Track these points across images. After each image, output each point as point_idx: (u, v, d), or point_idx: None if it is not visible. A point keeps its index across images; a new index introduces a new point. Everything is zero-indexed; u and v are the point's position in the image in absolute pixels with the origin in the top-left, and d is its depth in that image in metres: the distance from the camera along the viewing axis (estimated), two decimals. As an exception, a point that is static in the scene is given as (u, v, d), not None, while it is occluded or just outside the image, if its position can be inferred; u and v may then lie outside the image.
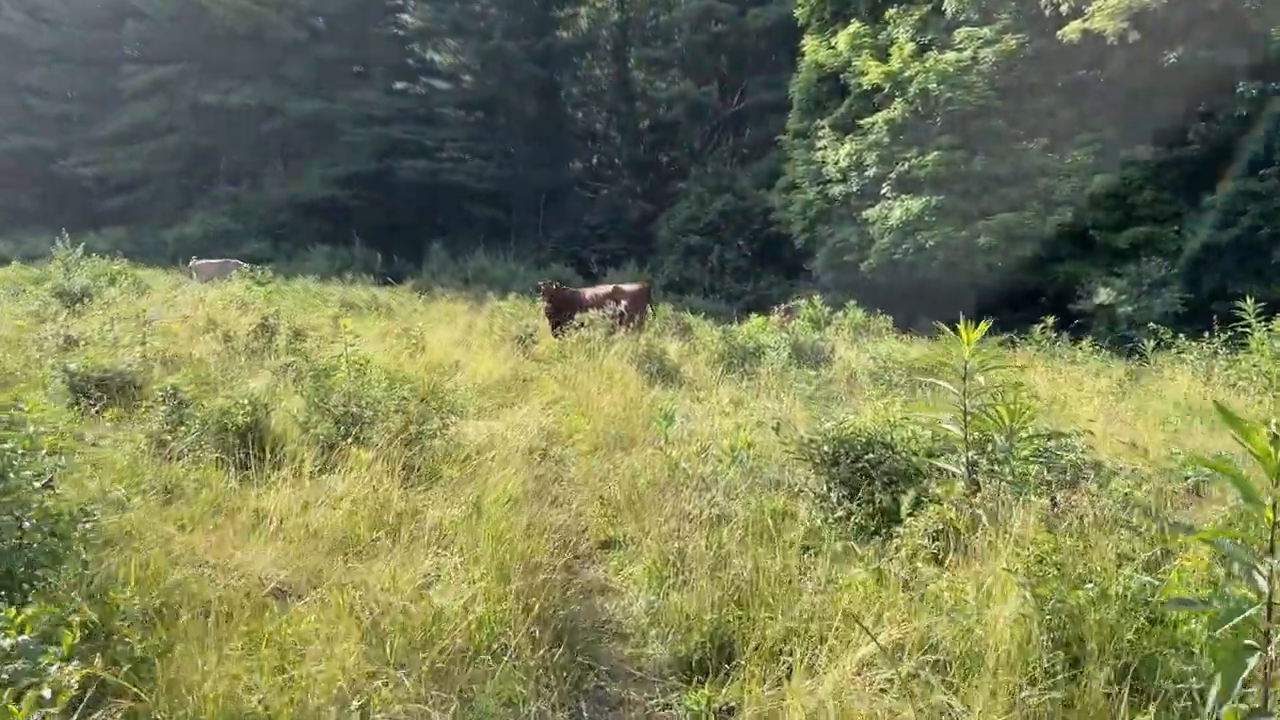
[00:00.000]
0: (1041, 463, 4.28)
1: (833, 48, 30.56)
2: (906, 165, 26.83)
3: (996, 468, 4.11)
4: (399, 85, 49.74)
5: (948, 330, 5.89)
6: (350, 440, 6.33)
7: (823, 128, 30.65)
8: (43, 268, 22.88)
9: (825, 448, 4.94)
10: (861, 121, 28.37)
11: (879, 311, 18.06)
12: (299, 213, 45.15)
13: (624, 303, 15.62)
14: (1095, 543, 3.78)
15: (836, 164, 29.20)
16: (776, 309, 26.08)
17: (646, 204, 47.44)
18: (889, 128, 27.43)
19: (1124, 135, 26.08)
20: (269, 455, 6.12)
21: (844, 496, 4.93)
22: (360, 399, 6.87)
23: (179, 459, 6.18)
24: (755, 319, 14.21)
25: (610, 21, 50.78)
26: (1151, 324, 16.19)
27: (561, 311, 15.61)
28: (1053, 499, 4.08)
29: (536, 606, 3.87)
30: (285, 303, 20.83)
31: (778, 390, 11.03)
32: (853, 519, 4.86)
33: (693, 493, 5.44)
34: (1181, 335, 14.43)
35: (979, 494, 4.18)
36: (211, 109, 45.24)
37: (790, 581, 4.38)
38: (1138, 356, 18.85)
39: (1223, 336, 13.28)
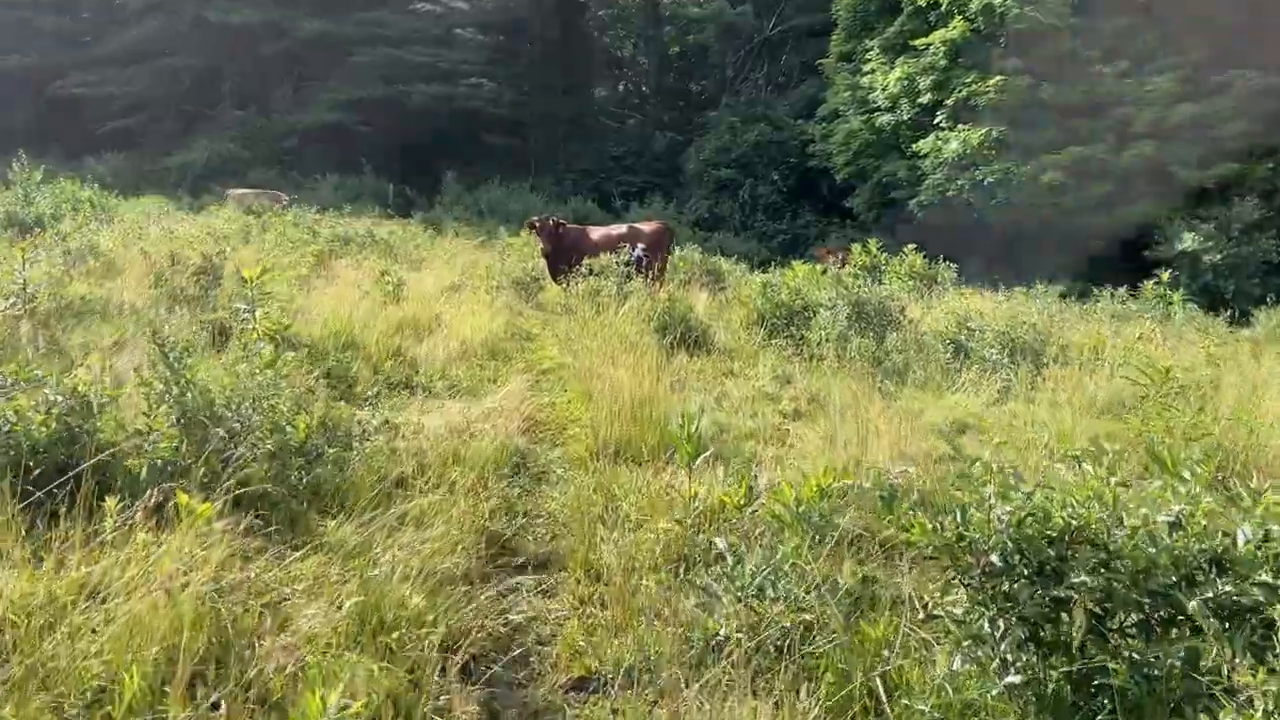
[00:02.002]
0: None
1: (884, -42, 27.50)
2: (965, 91, 23.96)
3: None
4: (413, 5, 46.69)
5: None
6: (198, 470, 4.09)
7: (871, 49, 27.69)
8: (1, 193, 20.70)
9: (993, 556, 2.62)
10: (915, 42, 25.41)
11: (943, 258, 15.55)
12: (308, 139, 42.69)
13: (640, 246, 13.19)
14: None
15: (885, 90, 26.31)
16: (831, 256, 23.23)
17: (675, 134, 44.52)
18: (946, 49, 24.49)
19: (1214, 59, 23.07)
20: (75, 494, 3.90)
21: (1022, 643, 2.64)
22: (240, 397, 4.62)
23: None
24: (799, 266, 11.80)
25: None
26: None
27: (566, 255, 13.16)
28: None
29: None
30: (268, 236, 18.57)
31: (835, 362, 8.68)
32: (1041, 689, 2.59)
33: (729, 597, 3.16)
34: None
35: None
36: (215, 28, 42.55)
37: None
38: (1229, 312, 16.33)
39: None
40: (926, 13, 25.62)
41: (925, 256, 17.29)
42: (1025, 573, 2.70)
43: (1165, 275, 13.66)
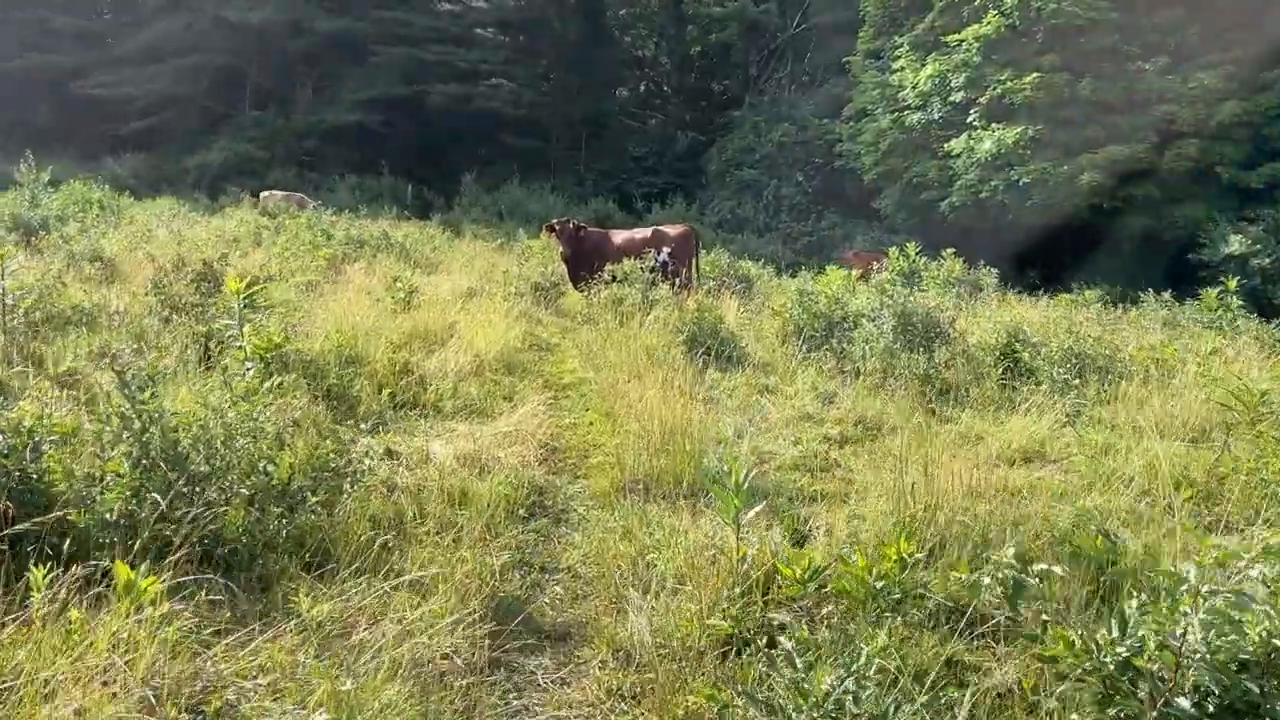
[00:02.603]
0: None
1: (915, -48, 26.65)
2: (999, 89, 23.10)
3: None
4: (433, 4, 46.14)
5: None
6: (154, 524, 3.43)
7: (901, 46, 26.83)
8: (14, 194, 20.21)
9: (1183, 700, 1.92)
10: (947, 38, 24.55)
11: (984, 264, 14.73)
12: (327, 140, 42.27)
13: (666, 250, 12.48)
14: None
15: (916, 88, 25.46)
16: (875, 262, 22.21)
17: (697, 134, 43.74)
18: (980, 45, 23.63)
19: (1261, 54, 22.12)
20: (15, 554, 3.26)
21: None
22: (213, 433, 3.96)
23: None
24: (834, 272, 11.07)
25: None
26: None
27: (587, 260, 12.47)
28: None
29: None
30: (280, 240, 18.00)
31: (881, 379, 7.96)
32: None
33: (801, 717, 2.46)
34: None
35: None
36: (234, 27, 42.23)
37: None
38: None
39: None
40: (959, 8, 24.76)
41: (969, 261, 16.48)
42: (1211, 710, 1.99)
43: (1232, 283, 12.75)
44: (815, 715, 2.42)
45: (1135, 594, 2.24)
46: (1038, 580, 2.29)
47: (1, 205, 17.82)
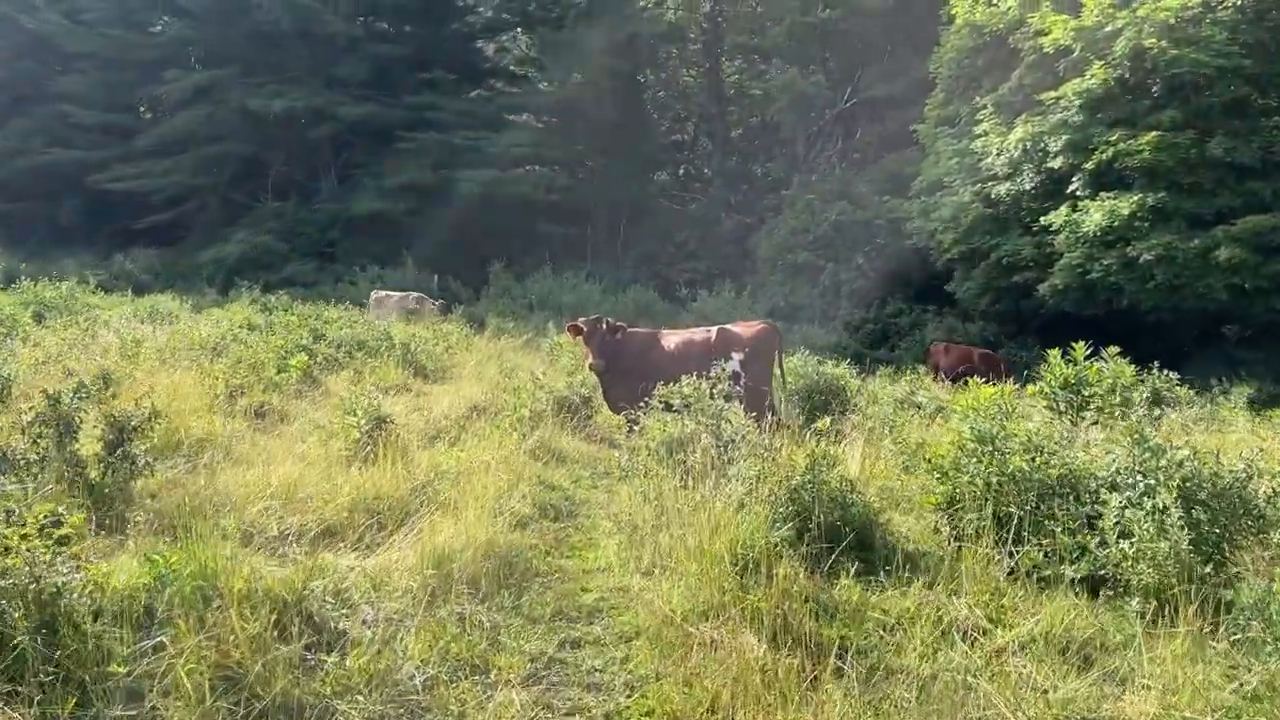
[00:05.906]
0: None
1: (995, 4, 23.44)
2: (1109, 152, 19.58)
3: None
4: (461, 87, 44.01)
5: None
6: None
7: (983, 107, 23.48)
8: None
9: None
10: (1042, 96, 21.17)
11: (1162, 369, 10.93)
12: (349, 230, 39.80)
13: (737, 357, 8.87)
14: None
15: (1003, 154, 22.02)
16: (938, 349, 19.36)
17: (742, 217, 40.75)
18: (1083, 102, 20.20)
19: None
20: None
21: None
22: None
23: None
24: (983, 389, 7.36)
25: (701, 12, 44.58)
26: None
27: (628, 374, 8.73)
28: None
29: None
30: (248, 347, 14.69)
31: (1199, 623, 4.26)
32: None
33: None
34: None
35: None
36: (258, 115, 40.30)
37: None
38: None
39: None
40: (1052, 61, 21.40)
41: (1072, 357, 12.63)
42: None
43: None
44: None
45: None
46: None
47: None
